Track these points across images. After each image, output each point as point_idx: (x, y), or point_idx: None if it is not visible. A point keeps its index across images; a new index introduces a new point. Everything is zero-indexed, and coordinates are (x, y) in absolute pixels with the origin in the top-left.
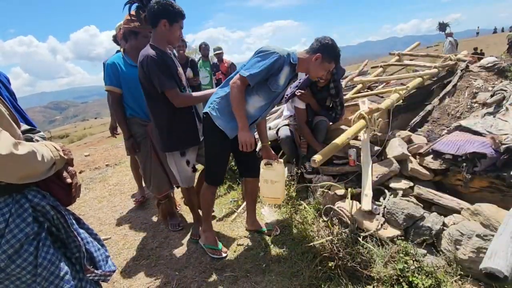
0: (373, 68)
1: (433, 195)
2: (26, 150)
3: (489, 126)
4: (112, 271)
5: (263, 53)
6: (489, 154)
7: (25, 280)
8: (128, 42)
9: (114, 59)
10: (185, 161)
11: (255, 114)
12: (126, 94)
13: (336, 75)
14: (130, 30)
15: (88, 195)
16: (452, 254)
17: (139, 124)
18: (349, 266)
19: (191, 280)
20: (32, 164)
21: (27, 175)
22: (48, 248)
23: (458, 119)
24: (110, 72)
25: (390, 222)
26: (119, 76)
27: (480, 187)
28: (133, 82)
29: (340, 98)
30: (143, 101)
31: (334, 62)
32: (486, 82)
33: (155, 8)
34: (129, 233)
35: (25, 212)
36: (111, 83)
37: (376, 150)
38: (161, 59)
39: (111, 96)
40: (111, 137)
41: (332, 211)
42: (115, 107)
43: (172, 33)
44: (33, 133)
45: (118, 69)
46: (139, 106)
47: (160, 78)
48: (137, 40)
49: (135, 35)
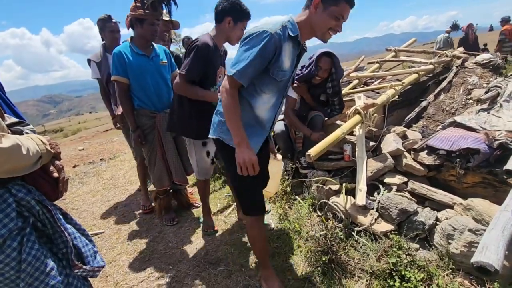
0: (369, 64)
1: (426, 190)
2: (10, 143)
3: (483, 122)
4: (101, 266)
5: (249, 38)
6: (483, 150)
7: (9, 276)
8: (135, 30)
9: (121, 48)
10: (206, 151)
11: (270, 116)
12: (134, 84)
13: (335, 74)
14: (136, 18)
15: (82, 189)
16: (444, 248)
17: (147, 116)
18: (342, 260)
19: (185, 274)
20: (16, 157)
21: (11, 169)
22: (33, 244)
23: (452, 115)
24: (116, 61)
25: (384, 217)
26: (126, 65)
27: (473, 183)
28: (141, 72)
29: (339, 98)
30: (152, 92)
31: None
32: (481, 78)
33: (223, 5)
34: (123, 227)
35: (8, 207)
36: (117, 73)
37: (371, 146)
38: (206, 50)
39: (118, 87)
40: (106, 131)
41: (327, 206)
42: (122, 98)
43: (234, 32)
44: (22, 126)
45: (125, 58)
46: (147, 97)
47: (189, 62)
48: (143, 28)
49: (141, 23)
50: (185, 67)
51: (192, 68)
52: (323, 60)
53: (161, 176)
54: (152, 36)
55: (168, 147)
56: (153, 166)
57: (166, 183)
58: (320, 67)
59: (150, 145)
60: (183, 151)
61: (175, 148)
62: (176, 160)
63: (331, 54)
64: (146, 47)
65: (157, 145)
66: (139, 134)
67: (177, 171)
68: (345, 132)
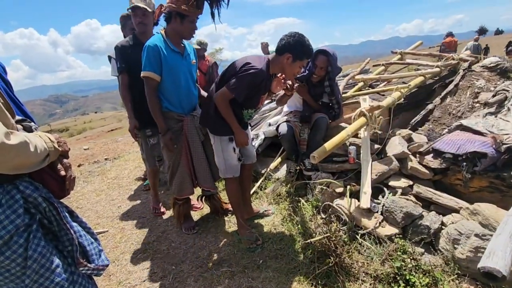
0: (374, 66)
1: (432, 194)
2: (18, 140)
3: (490, 126)
4: (105, 265)
5: None
6: (490, 154)
7: (15, 272)
8: (170, 24)
9: (156, 42)
10: (233, 147)
11: None
12: (166, 84)
13: (331, 73)
14: (177, 12)
15: (86, 188)
16: (450, 253)
17: (174, 119)
18: (346, 263)
19: (187, 274)
20: (24, 154)
21: (19, 166)
22: (39, 240)
23: (459, 118)
24: (151, 56)
25: (388, 220)
26: (161, 62)
27: (479, 187)
28: (176, 71)
29: (336, 97)
30: (184, 93)
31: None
32: (488, 82)
33: (287, 40)
34: (127, 227)
35: (16, 203)
36: (151, 69)
37: (376, 148)
38: (260, 79)
39: (148, 84)
40: (110, 131)
41: (331, 208)
42: (152, 96)
43: (290, 68)
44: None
45: (161, 53)
46: (177, 99)
47: (240, 84)
48: (183, 25)
49: (182, 18)
50: (235, 88)
51: (241, 91)
52: (319, 58)
53: (183, 183)
54: (190, 34)
55: (197, 151)
56: (175, 173)
57: (188, 191)
58: (316, 65)
59: (175, 150)
60: (211, 157)
61: (203, 153)
62: (205, 166)
63: (326, 52)
64: (179, 44)
65: (183, 150)
66: (171, 136)
67: (205, 177)
68: (350, 134)
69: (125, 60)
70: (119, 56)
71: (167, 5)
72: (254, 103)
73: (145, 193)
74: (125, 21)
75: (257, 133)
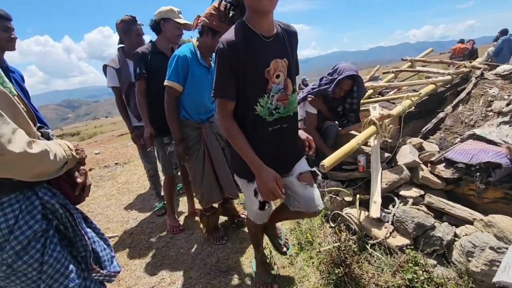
0: (384, 73)
1: (444, 205)
2: (40, 149)
3: (504, 136)
4: (117, 271)
5: None
6: (504, 164)
7: (31, 277)
8: (202, 38)
9: (186, 52)
10: (254, 190)
11: None
12: (188, 95)
13: (357, 93)
14: (209, 27)
15: (97, 192)
16: (463, 266)
17: (192, 127)
18: (356, 274)
19: (196, 281)
20: (44, 163)
21: (39, 174)
22: (55, 246)
23: (472, 127)
24: (179, 66)
25: (399, 231)
26: (187, 73)
27: (494, 198)
28: (200, 84)
29: (356, 114)
30: (204, 107)
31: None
32: (502, 90)
33: None
34: (136, 232)
35: (34, 209)
36: (177, 79)
37: (386, 157)
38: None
39: (170, 94)
40: (120, 135)
41: (340, 217)
42: (171, 106)
43: None
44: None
45: (189, 65)
46: (196, 111)
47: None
48: (213, 40)
49: (213, 34)
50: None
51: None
52: (345, 83)
53: (212, 190)
54: None
55: (218, 158)
56: (200, 181)
57: (217, 198)
58: (341, 89)
59: (196, 159)
60: None
61: (225, 160)
62: (227, 172)
63: (355, 76)
64: (208, 58)
65: (206, 158)
66: (184, 147)
67: (230, 184)
68: (360, 142)
69: (145, 65)
70: (139, 62)
71: (202, 19)
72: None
73: (154, 198)
74: (129, 26)
75: None
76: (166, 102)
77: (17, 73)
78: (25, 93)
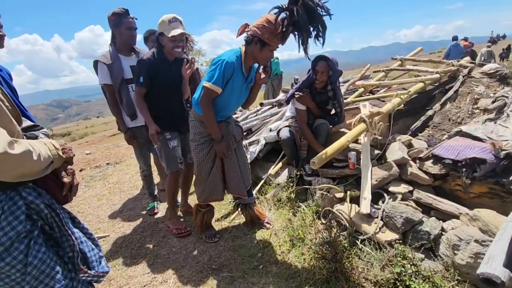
0: (375, 72)
1: (432, 200)
2: (22, 149)
3: (489, 132)
4: (105, 272)
5: None
6: (489, 160)
7: (15, 278)
8: (250, 47)
9: (234, 59)
10: None
11: None
12: (221, 97)
13: (332, 77)
14: (259, 38)
15: (87, 192)
16: (450, 259)
17: None
18: (346, 269)
19: (188, 279)
20: (27, 163)
21: (21, 174)
22: (40, 247)
23: (459, 124)
24: (226, 72)
25: (388, 226)
26: (229, 79)
27: (479, 193)
28: (235, 92)
29: (338, 100)
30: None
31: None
32: (488, 88)
33: None
34: (127, 231)
35: (18, 209)
36: (220, 84)
37: (376, 154)
38: None
39: (208, 95)
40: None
41: (331, 213)
42: (210, 107)
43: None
44: (37, 130)
45: (233, 72)
46: (219, 111)
47: None
48: (261, 52)
49: (262, 46)
50: None
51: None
52: (319, 64)
53: (215, 188)
54: (266, 62)
55: (229, 158)
56: (206, 178)
57: (218, 197)
58: (317, 71)
59: (206, 155)
60: (242, 164)
61: (236, 160)
62: (237, 172)
63: (326, 57)
64: (249, 67)
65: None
66: (226, 143)
67: (237, 183)
68: (350, 140)
69: (149, 74)
70: (144, 71)
71: (252, 29)
72: None
73: (146, 198)
74: (120, 19)
75: (258, 139)
76: (204, 103)
77: (4, 71)
78: (13, 91)
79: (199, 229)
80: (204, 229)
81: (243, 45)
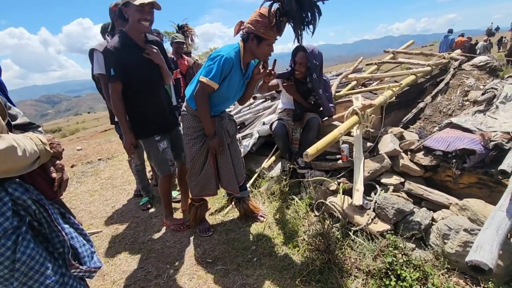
0: (367, 65)
1: (423, 191)
2: (5, 145)
3: (479, 123)
4: (97, 267)
5: None
6: (478, 151)
7: (3, 275)
8: (247, 44)
9: (233, 55)
10: None
11: None
12: (218, 92)
13: (310, 68)
14: (255, 34)
15: (79, 188)
16: (440, 248)
17: None
18: (339, 260)
19: (182, 273)
20: (11, 159)
21: (6, 170)
22: (28, 243)
23: (449, 116)
24: (225, 68)
25: (380, 217)
26: (226, 75)
27: (469, 183)
28: (233, 88)
29: (317, 93)
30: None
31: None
32: (478, 80)
33: None
34: (121, 227)
35: (4, 205)
36: (217, 80)
37: (368, 146)
38: None
39: (205, 90)
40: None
41: (324, 205)
42: (206, 102)
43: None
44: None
45: (231, 68)
46: (215, 105)
47: None
48: (259, 47)
49: (259, 41)
50: None
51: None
52: (298, 55)
53: (208, 183)
54: (265, 56)
55: (223, 153)
56: (199, 172)
57: (211, 192)
58: (296, 62)
59: (199, 149)
60: (235, 159)
61: (229, 155)
62: (230, 167)
63: (304, 48)
64: (247, 63)
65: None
66: (219, 140)
67: (230, 179)
68: (342, 132)
69: (120, 64)
70: (112, 61)
71: (247, 25)
72: None
73: None
74: None
75: (251, 132)
76: (200, 97)
77: None
78: (1, 85)
79: (193, 223)
80: (198, 223)
81: (241, 41)
